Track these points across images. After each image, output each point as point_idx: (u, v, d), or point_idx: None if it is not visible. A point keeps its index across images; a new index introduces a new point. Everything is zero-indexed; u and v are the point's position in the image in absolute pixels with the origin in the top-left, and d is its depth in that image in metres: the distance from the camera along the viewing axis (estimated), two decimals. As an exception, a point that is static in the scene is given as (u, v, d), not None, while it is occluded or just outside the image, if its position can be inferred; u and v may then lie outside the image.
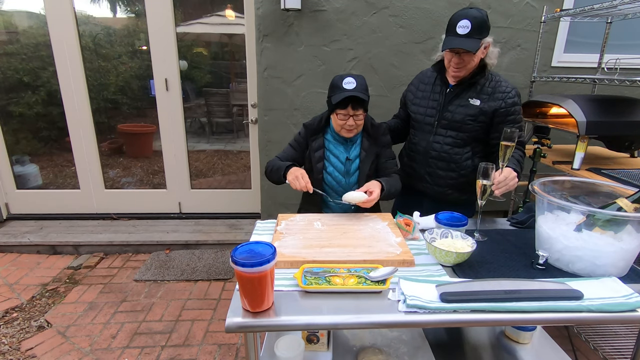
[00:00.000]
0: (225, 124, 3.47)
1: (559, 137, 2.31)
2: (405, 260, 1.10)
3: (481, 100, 1.53)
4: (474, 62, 1.48)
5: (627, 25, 2.59)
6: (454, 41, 1.43)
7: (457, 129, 1.57)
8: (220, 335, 2.06)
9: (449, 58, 1.51)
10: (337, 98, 1.43)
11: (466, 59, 1.46)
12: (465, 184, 1.63)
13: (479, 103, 1.53)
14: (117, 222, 3.22)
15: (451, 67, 1.51)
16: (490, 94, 1.53)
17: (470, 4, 2.59)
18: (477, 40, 1.41)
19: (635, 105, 1.93)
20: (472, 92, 1.55)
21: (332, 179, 1.60)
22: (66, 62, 2.87)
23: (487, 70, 1.55)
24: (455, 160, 1.61)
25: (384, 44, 2.66)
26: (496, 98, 1.52)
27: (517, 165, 1.49)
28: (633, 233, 0.99)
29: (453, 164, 1.62)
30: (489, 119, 1.54)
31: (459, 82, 1.57)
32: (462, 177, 1.63)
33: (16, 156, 3.14)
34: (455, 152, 1.60)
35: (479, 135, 1.57)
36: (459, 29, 1.41)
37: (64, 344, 1.98)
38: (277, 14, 2.56)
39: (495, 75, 1.57)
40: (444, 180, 1.65)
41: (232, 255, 0.84)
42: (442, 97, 1.60)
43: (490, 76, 1.56)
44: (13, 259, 2.79)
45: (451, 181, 1.64)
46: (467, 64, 1.47)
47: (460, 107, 1.55)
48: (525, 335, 1.32)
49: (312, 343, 1.25)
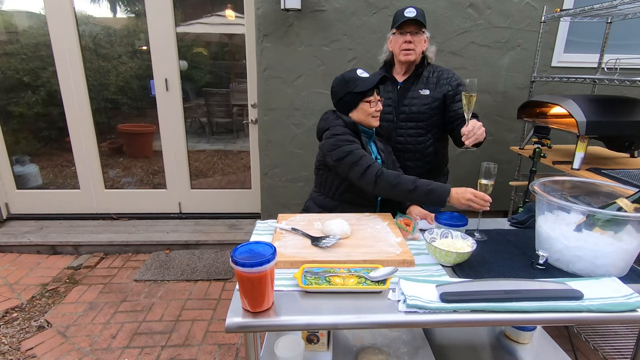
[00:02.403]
0: (225, 124, 3.47)
1: (559, 137, 2.31)
2: (405, 260, 1.10)
3: (430, 90, 1.70)
4: (420, 46, 1.68)
5: (627, 25, 2.59)
6: (405, 20, 1.63)
7: (416, 120, 1.73)
8: (220, 335, 2.06)
9: (400, 43, 1.67)
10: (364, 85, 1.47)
11: (415, 40, 1.65)
12: (430, 172, 1.78)
13: (429, 92, 1.70)
14: (117, 222, 3.22)
15: (402, 51, 1.67)
16: (436, 83, 1.71)
17: (470, 4, 2.59)
18: (422, 22, 1.64)
19: (635, 105, 1.93)
20: (420, 84, 1.72)
21: None
22: (66, 62, 2.87)
23: (427, 63, 1.74)
24: (419, 150, 1.75)
25: (384, 43, 2.66)
26: (442, 84, 1.70)
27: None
28: (633, 233, 0.99)
29: (418, 154, 1.76)
30: (441, 104, 1.71)
31: (406, 78, 1.74)
32: (427, 164, 1.78)
33: (16, 156, 3.14)
34: (418, 142, 1.75)
35: (436, 121, 1.73)
36: (407, 13, 1.63)
37: (64, 344, 1.98)
38: (277, 14, 2.56)
39: (436, 67, 1.76)
40: (414, 170, 1.75)
41: (232, 255, 0.84)
42: (395, 94, 1.75)
43: (432, 68, 1.75)
44: (13, 259, 2.79)
45: (419, 170, 1.76)
46: (416, 46, 1.66)
47: (414, 100, 1.71)
48: (525, 335, 1.32)
49: (312, 343, 1.25)
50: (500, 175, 2.93)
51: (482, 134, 1.40)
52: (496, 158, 2.89)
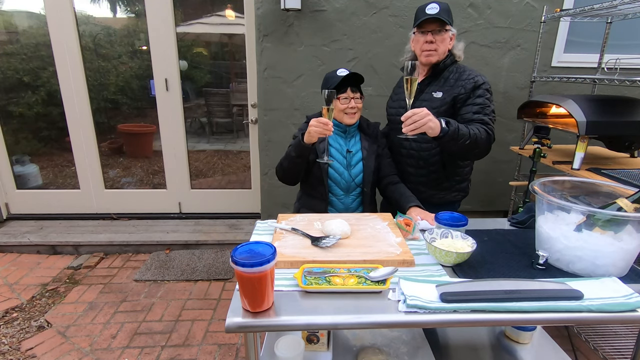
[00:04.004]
0: (225, 124, 3.47)
1: (559, 137, 2.31)
2: (405, 260, 1.10)
3: (443, 92, 1.55)
4: (444, 46, 1.53)
5: (627, 25, 2.59)
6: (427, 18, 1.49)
7: None
8: (220, 335, 2.06)
9: (421, 43, 1.54)
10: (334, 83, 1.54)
11: (437, 39, 1.51)
12: (435, 181, 1.67)
13: (441, 95, 1.55)
14: (117, 222, 3.22)
15: (423, 52, 1.55)
16: (453, 85, 1.55)
17: (470, 4, 2.59)
18: (446, 19, 1.48)
19: (635, 105, 1.93)
20: (436, 85, 1.58)
21: (334, 171, 1.63)
22: (66, 62, 2.87)
23: (453, 62, 1.59)
24: (423, 157, 1.64)
25: (383, 44, 2.66)
26: (457, 86, 1.53)
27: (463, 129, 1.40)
28: (633, 233, 0.98)
29: (421, 161, 1.65)
30: (450, 107, 1.54)
31: (424, 79, 1.61)
32: (431, 173, 1.66)
33: (16, 156, 3.14)
34: (422, 149, 1.63)
35: None
36: (429, 10, 1.48)
37: (64, 344, 1.98)
38: (277, 14, 2.56)
39: (462, 67, 1.58)
40: (414, 177, 1.69)
41: (232, 255, 0.84)
42: None
43: (456, 69, 1.58)
44: (13, 259, 2.79)
45: (421, 178, 1.68)
46: (439, 46, 1.52)
47: (424, 102, 1.58)
48: (525, 335, 1.32)
49: (312, 343, 1.25)
50: (500, 175, 2.95)
51: (424, 123, 1.29)
52: (496, 158, 2.90)
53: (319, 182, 1.63)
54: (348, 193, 1.66)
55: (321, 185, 1.63)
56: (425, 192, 1.69)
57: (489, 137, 1.47)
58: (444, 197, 1.70)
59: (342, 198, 1.66)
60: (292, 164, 1.56)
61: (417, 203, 1.52)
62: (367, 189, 1.65)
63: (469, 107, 1.51)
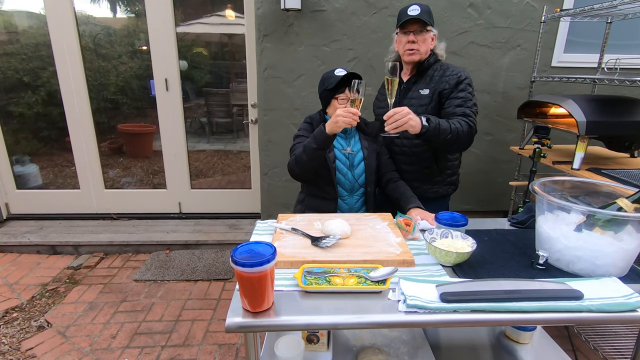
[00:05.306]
0: (225, 124, 3.47)
1: (559, 137, 2.31)
2: (405, 260, 1.10)
3: (430, 89, 1.62)
4: (425, 45, 1.60)
5: (627, 25, 2.59)
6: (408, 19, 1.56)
7: None
8: (220, 335, 2.06)
9: (403, 43, 1.60)
10: (332, 84, 1.53)
11: (419, 39, 1.58)
12: (428, 176, 1.73)
13: (428, 92, 1.62)
14: (117, 222, 3.22)
15: (405, 51, 1.61)
16: (437, 81, 1.62)
17: (470, 4, 2.59)
18: (427, 20, 1.55)
19: (635, 105, 1.93)
20: (422, 83, 1.65)
21: (339, 172, 1.64)
22: (66, 62, 2.87)
23: (436, 61, 1.65)
24: (415, 153, 1.69)
25: (383, 43, 2.66)
26: (442, 82, 1.60)
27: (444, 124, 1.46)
28: (633, 233, 0.98)
29: (414, 158, 1.70)
30: (436, 103, 1.61)
31: (409, 78, 1.67)
32: (424, 169, 1.72)
33: (16, 156, 3.14)
34: (414, 145, 1.68)
35: None
36: (410, 12, 1.56)
37: (64, 344, 1.98)
38: (277, 14, 2.56)
39: (445, 65, 1.65)
40: (409, 174, 1.72)
41: (232, 255, 0.84)
42: (398, 94, 1.69)
43: (440, 66, 1.65)
44: (13, 259, 2.79)
45: (416, 175, 1.73)
46: (420, 46, 1.58)
47: (413, 100, 1.65)
48: (525, 335, 1.32)
49: (312, 343, 1.25)
50: (500, 175, 2.95)
51: (405, 121, 1.34)
52: (496, 158, 2.90)
53: (327, 183, 1.61)
54: (352, 193, 1.66)
55: (329, 185, 1.61)
56: (419, 187, 1.72)
57: (471, 130, 1.54)
58: (438, 191, 1.76)
59: (346, 198, 1.66)
60: (313, 156, 1.50)
61: (417, 204, 1.52)
62: (370, 189, 1.66)
63: (452, 100, 1.58)
